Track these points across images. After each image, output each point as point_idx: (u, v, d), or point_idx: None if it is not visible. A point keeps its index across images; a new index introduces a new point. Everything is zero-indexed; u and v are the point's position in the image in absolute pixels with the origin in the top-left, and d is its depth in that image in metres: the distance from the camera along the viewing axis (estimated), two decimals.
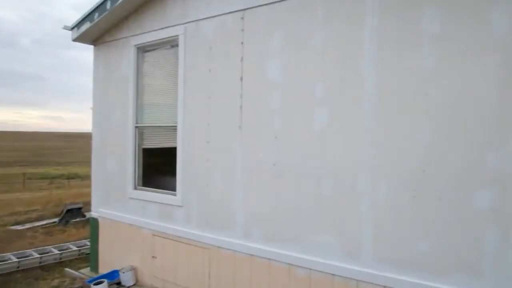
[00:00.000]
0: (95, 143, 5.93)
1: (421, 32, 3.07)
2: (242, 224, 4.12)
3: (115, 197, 5.53)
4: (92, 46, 5.91)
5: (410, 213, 3.09)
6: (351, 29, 3.41)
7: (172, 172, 4.79)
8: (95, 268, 5.91)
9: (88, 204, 13.47)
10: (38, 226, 10.06)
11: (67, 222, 10.22)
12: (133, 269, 5.24)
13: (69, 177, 27.07)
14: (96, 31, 5.58)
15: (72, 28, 5.66)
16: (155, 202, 4.97)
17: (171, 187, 4.83)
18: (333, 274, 3.45)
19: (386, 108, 3.22)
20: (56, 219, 10.48)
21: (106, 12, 5.17)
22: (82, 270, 6.14)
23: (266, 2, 3.95)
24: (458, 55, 2.91)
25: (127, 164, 5.32)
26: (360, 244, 3.33)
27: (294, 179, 3.73)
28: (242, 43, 4.14)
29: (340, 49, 3.48)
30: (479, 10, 2.84)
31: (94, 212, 5.92)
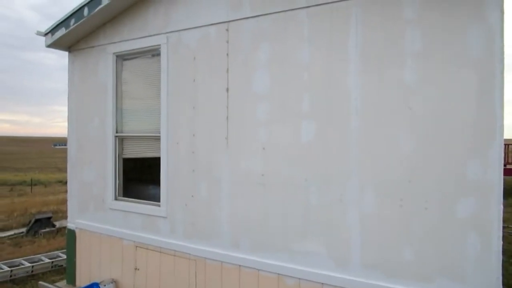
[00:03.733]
0: (71, 152, 5.75)
1: (403, 49, 3.23)
2: (229, 234, 4.14)
3: (93, 207, 5.39)
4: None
5: (397, 221, 3.23)
6: (336, 44, 3.52)
7: (155, 182, 4.74)
8: (71, 281, 5.73)
9: (56, 212, 13.00)
10: (4, 237, 9.62)
11: (35, 232, 9.82)
12: (114, 282, 5.13)
13: (31, 183, 25.95)
14: (72, 37, 5.42)
15: (46, 34, 5.47)
16: (138, 213, 4.89)
17: (154, 198, 4.77)
18: (322, 283, 3.54)
19: (371, 121, 3.35)
20: (24, 230, 10.04)
21: (83, 19, 5.04)
22: (58, 283, 5.94)
23: (251, 15, 4.00)
24: (438, 71, 3.09)
25: (107, 174, 5.20)
26: (349, 253, 3.44)
27: (282, 189, 3.79)
28: (227, 54, 4.16)
29: (325, 63, 3.58)
30: (456, 30, 3.03)
31: (71, 223, 5.74)
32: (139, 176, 5.35)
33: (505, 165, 12.43)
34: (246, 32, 4.03)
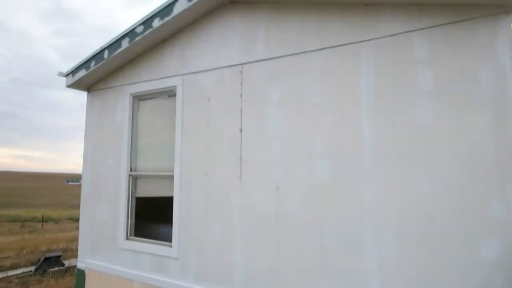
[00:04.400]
0: (84, 190, 5.79)
1: (415, 89, 3.26)
2: (242, 277, 4.03)
3: (104, 247, 5.35)
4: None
5: (417, 264, 3.12)
6: (348, 84, 3.57)
7: (167, 222, 4.71)
8: None
9: (66, 251, 12.90)
10: (12, 275, 9.51)
11: (44, 271, 9.70)
12: None
13: (43, 220, 25.99)
14: (92, 78, 5.62)
15: (67, 75, 5.68)
16: (149, 253, 4.83)
17: (166, 238, 4.72)
18: None
19: (387, 160, 3.33)
20: (32, 268, 9.94)
21: (103, 61, 5.24)
22: None
23: (265, 58, 4.12)
24: (453, 111, 3.09)
25: (119, 213, 5.20)
26: None
27: (296, 230, 3.73)
28: (241, 95, 4.25)
29: (338, 103, 3.62)
30: (467, 69, 3.06)
31: (81, 263, 5.68)
32: (152, 216, 5.33)
33: None
34: (260, 74, 4.13)
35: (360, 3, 3.57)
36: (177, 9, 4.51)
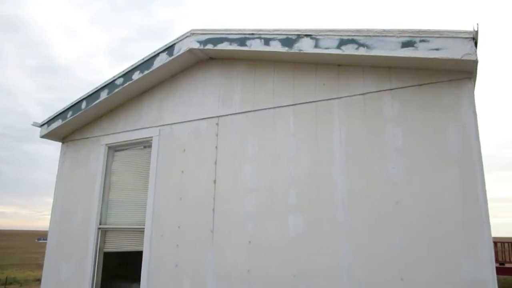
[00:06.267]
0: (50, 245, 5.49)
1: (386, 145, 3.33)
2: None
3: None
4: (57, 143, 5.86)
5: None
6: (321, 139, 3.64)
7: (136, 278, 4.45)
8: None
9: None
10: None
11: None
12: None
13: (7, 282, 24.24)
14: (67, 129, 5.57)
15: (42, 125, 5.63)
16: None
17: None
18: None
19: (360, 215, 3.30)
20: None
21: (80, 111, 5.24)
22: None
23: (241, 111, 4.20)
24: (421, 167, 3.15)
25: (85, 270, 4.89)
26: None
27: (269, 286, 3.56)
28: (216, 147, 4.26)
29: (311, 157, 3.65)
30: (435, 128, 3.17)
31: None
32: (120, 272, 5.04)
33: (503, 264, 11.96)
34: (235, 127, 4.19)
35: (334, 63, 3.75)
36: (158, 63, 4.64)
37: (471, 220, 2.89)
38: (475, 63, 2.93)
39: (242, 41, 4.01)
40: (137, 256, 4.51)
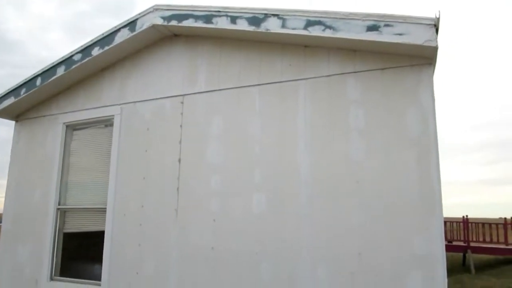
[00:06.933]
0: (5, 227, 5.26)
1: (348, 126, 3.43)
2: None
3: None
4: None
5: None
6: (286, 119, 3.68)
7: (99, 259, 4.38)
8: None
9: None
10: None
11: None
12: None
13: None
14: (21, 106, 5.28)
15: None
16: None
17: (96, 276, 4.37)
18: None
19: (321, 194, 3.41)
20: None
21: (35, 88, 4.97)
22: None
23: (206, 90, 4.15)
24: (382, 148, 3.28)
25: (44, 251, 4.75)
26: None
27: (233, 263, 3.63)
28: (181, 126, 4.21)
29: (276, 136, 3.70)
30: (396, 111, 3.29)
31: None
32: (82, 253, 4.93)
33: (451, 242, 12.78)
34: (200, 106, 4.14)
35: (300, 44, 3.76)
36: (119, 39, 4.45)
37: (425, 199, 3.06)
38: (435, 49, 3.04)
39: (208, 18, 3.93)
40: (99, 237, 4.43)
